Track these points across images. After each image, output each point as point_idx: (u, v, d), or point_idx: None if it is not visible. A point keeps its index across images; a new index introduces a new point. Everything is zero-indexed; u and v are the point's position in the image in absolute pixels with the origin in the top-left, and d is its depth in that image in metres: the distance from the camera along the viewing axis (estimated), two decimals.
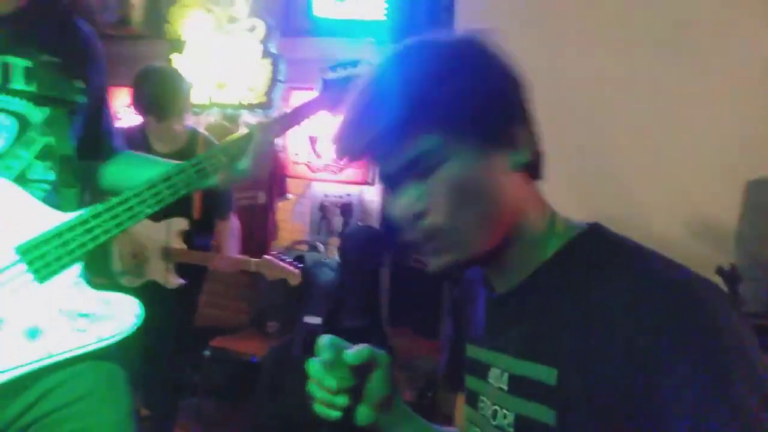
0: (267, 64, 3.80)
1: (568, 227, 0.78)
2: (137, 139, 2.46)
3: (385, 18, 3.53)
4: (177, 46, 4.04)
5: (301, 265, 2.70)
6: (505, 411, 0.76)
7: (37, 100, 1.16)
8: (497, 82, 0.76)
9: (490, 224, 0.74)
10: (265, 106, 3.82)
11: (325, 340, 0.80)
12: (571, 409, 0.68)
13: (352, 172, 3.75)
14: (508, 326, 0.78)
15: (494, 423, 0.77)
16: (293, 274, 2.58)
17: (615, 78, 2.88)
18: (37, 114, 1.16)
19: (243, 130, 1.37)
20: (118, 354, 1.19)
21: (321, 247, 3.58)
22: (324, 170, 3.85)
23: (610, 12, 2.94)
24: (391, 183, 0.76)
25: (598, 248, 0.74)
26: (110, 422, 1.16)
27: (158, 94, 2.50)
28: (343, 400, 0.79)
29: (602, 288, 0.69)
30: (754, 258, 2.59)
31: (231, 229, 2.90)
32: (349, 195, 3.77)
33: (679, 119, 2.80)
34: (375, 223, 3.51)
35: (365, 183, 3.69)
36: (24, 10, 1.17)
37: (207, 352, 3.11)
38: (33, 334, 1.10)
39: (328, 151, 3.79)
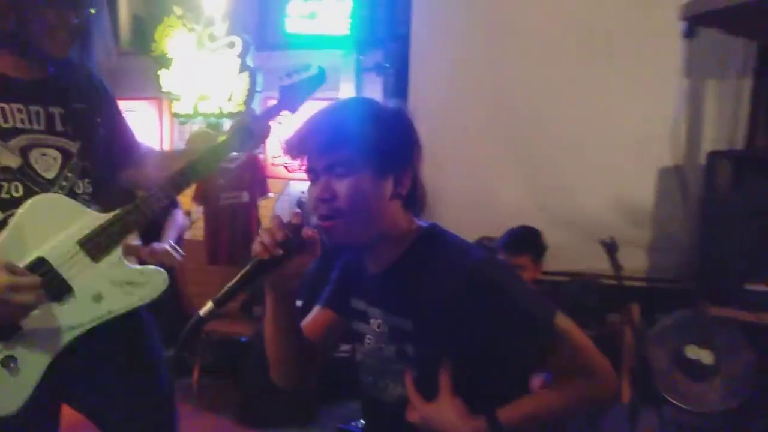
0: (245, 76, 3.88)
1: (416, 229, 1.09)
2: None
3: (348, 32, 3.63)
4: (163, 62, 4.10)
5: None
6: (383, 346, 1.10)
7: (71, 137, 1.41)
8: (407, 140, 1.06)
9: (368, 224, 1.03)
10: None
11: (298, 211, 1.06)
12: (422, 343, 1.04)
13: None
14: (381, 293, 1.10)
15: (377, 355, 1.10)
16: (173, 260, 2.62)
17: (551, 79, 3.04)
18: (72, 146, 1.41)
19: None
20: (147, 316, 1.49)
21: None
22: (300, 170, 3.95)
23: (549, 23, 3.08)
24: (316, 174, 1.04)
25: (433, 242, 1.08)
26: (151, 355, 1.49)
27: None
28: (278, 252, 0.98)
29: (435, 267, 1.04)
30: (665, 233, 2.77)
31: (174, 221, 3.00)
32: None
33: (605, 116, 2.96)
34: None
35: None
36: (58, 73, 1.41)
37: (202, 335, 3.22)
38: (97, 299, 1.38)
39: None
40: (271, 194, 3.95)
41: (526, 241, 2.17)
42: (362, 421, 2.05)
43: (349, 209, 1.01)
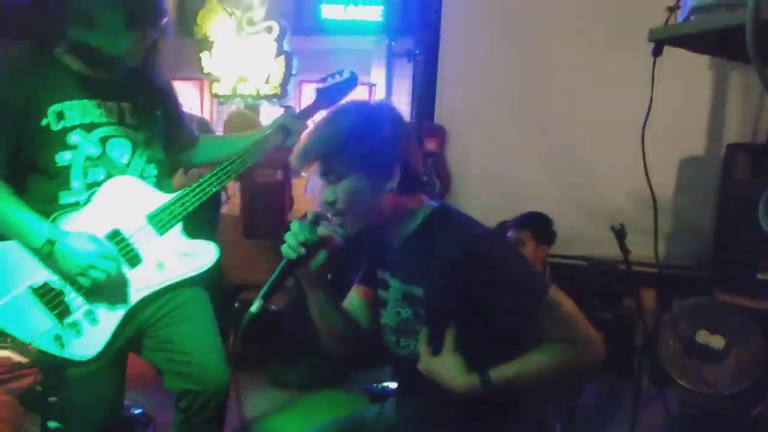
0: (281, 60, 3.96)
1: (427, 208, 1.19)
2: None
3: (381, 19, 3.66)
4: (204, 44, 4.19)
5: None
6: (401, 309, 1.23)
7: (138, 127, 1.59)
8: (385, 138, 1.16)
9: (367, 215, 1.17)
10: (280, 96, 4.00)
11: (311, 214, 1.17)
12: (431, 307, 1.16)
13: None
14: (398, 264, 1.23)
15: (398, 317, 1.23)
16: None
17: (578, 68, 3.02)
18: (140, 136, 1.59)
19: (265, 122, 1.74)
20: (200, 282, 1.68)
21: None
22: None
23: (577, 12, 3.05)
24: (322, 177, 1.18)
25: (440, 220, 1.19)
26: (206, 312, 1.67)
27: None
28: (301, 251, 1.12)
29: (440, 242, 1.15)
30: (684, 222, 2.76)
31: None
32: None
33: (628, 105, 2.92)
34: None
35: None
36: (127, 72, 1.56)
37: (237, 304, 3.34)
38: (160, 266, 1.58)
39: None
40: (303, 174, 4.03)
41: (531, 220, 2.32)
42: (385, 383, 2.15)
43: (348, 208, 1.15)
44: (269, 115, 4.20)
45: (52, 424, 2.20)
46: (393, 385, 2.60)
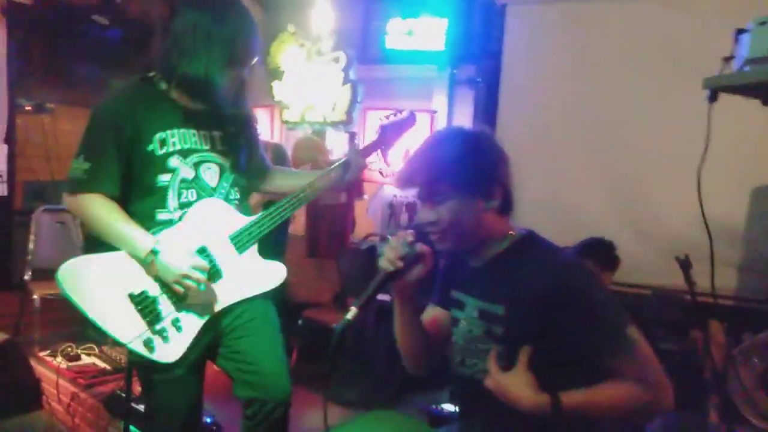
0: (347, 88, 4.08)
1: (516, 234, 1.23)
2: None
3: (443, 48, 3.73)
4: (276, 74, 4.39)
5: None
6: (473, 328, 1.26)
7: (226, 154, 1.74)
8: (488, 161, 1.22)
9: (469, 234, 1.22)
10: (346, 122, 4.11)
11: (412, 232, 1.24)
12: (510, 326, 1.18)
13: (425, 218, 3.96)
14: (478, 284, 1.27)
15: (468, 335, 1.26)
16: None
17: (638, 97, 2.98)
18: (227, 162, 1.74)
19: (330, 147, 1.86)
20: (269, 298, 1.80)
21: (390, 238, 3.83)
22: (392, 175, 4.12)
23: (639, 42, 3.02)
24: (422, 201, 1.26)
25: (528, 245, 1.25)
26: (273, 327, 1.78)
27: None
28: (399, 264, 1.20)
29: (527, 266, 1.19)
30: (757, 253, 2.64)
31: None
32: (413, 195, 3.99)
33: (693, 134, 2.85)
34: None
35: None
36: (218, 103, 1.69)
37: (300, 321, 3.45)
38: (237, 282, 1.70)
39: (395, 161, 4.06)
40: (365, 196, 4.14)
41: (594, 247, 2.27)
42: (444, 405, 2.15)
43: (449, 228, 1.21)
44: (334, 140, 4.34)
45: (133, 429, 2.35)
46: (451, 407, 2.61)
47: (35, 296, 3.45)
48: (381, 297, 3.12)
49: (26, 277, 3.63)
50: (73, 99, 4.73)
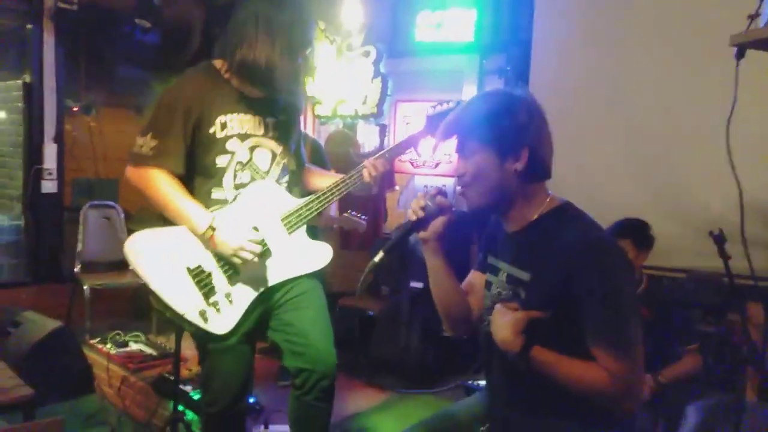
0: (378, 82, 4.10)
1: (553, 202, 1.24)
2: None
3: (473, 39, 3.72)
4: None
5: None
6: (502, 290, 1.29)
7: (278, 140, 1.81)
8: (517, 123, 1.22)
9: (490, 191, 1.25)
10: (376, 115, 4.15)
11: (434, 188, 1.31)
12: (533, 292, 1.20)
13: (445, 167, 4.00)
14: (510, 249, 1.30)
15: (497, 297, 1.29)
16: (361, 224, 2.98)
17: (671, 82, 2.92)
18: (278, 147, 1.80)
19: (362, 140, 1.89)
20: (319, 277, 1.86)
21: (458, 188, 3.82)
22: (423, 166, 4.14)
23: (671, 25, 2.96)
24: (456, 153, 1.30)
25: (562, 215, 1.25)
26: (321, 303, 1.84)
27: None
28: (420, 214, 1.28)
29: (559, 235, 1.19)
30: None
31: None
32: (444, 185, 4.01)
33: (725, 115, 2.78)
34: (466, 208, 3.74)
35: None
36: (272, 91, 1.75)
37: (337, 309, 3.49)
38: (287, 261, 1.77)
39: (425, 152, 4.07)
40: (397, 187, 4.16)
41: (629, 227, 2.22)
42: (480, 381, 2.14)
43: (473, 182, 1.25)
44: (366, 133, 4.37)
45: (180, 408, 2.44)
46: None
47: (85, 287, 3.59)
48: (414, 284, 3.17)
49: (76, 270, 3.77)
50: (116, 101, 4.89)
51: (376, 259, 1.22)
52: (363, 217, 3.03)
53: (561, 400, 1.15)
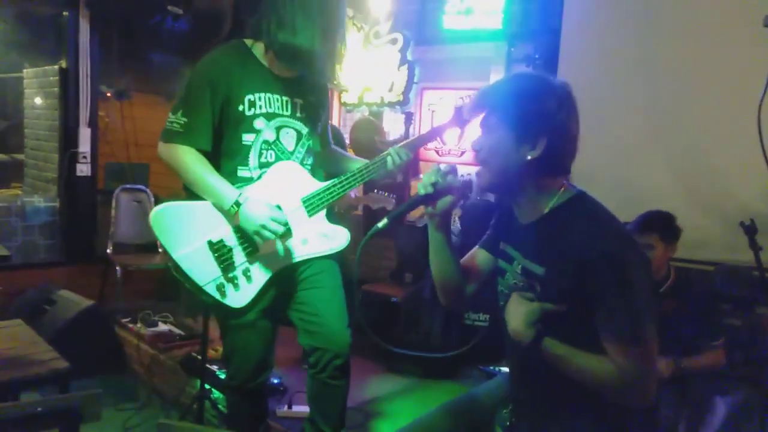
0: (404, 69, 4.08)
1: (567, 193, 1.20)
2: None
3: (501, 26, 3.67)
4: None
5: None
6: (518, 282, 1.27)
7: (304, 121, 1.81)
8: (539, 110, 1.16)
9: (501, 174, 1.22)
10: (403, 103, 4.13)
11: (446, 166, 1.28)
12: (548, 287, 1.18)
13: (471, 155, 3.96)
14: (525, 241, 1.27)
15: (514, 287, 1.27)
16: (389, 201, 2.97)
17: (701, 68, 2.84)
18: (304, 128, 1.81)
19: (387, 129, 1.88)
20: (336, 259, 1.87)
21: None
22: (448, 154, 4.12)
23: (701, 11, 2.88)
24: (480, 128, 1.27)
25: (577, 207, 1.21)
26: (336, 283, 1.86)
27: None
28: (430, 189, 1.25)
29: (573, 229, 1.16)
30: None
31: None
32: (469, 174, 3.92)
33: (749, 103, 2.70)
34: (490, 197, 3.72)
35: None
36: (300, 72, 1.76)
37: (360, 295, 3.52)
38: (305, 242, 1.80)
39: (451, 140, 4.05)
40: (421, 175, 4.14)
41: (655, 221, 2.16)
42: (502, 367, 2.14)
43: (487, 160, 1.23)
44: (392, 121, 4.37)
45: (207, 386, 2.50)
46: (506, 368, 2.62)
47: (117, 268, 3.69)
48: None
49: (108, 251, 3.88)
50: (148, 87, 4.98)
51: (380, 224, 1.23)
52: (391, 195, 3.04)
53: (575, 390, 1.16)
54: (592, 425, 1.19)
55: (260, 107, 1.73)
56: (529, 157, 1.18)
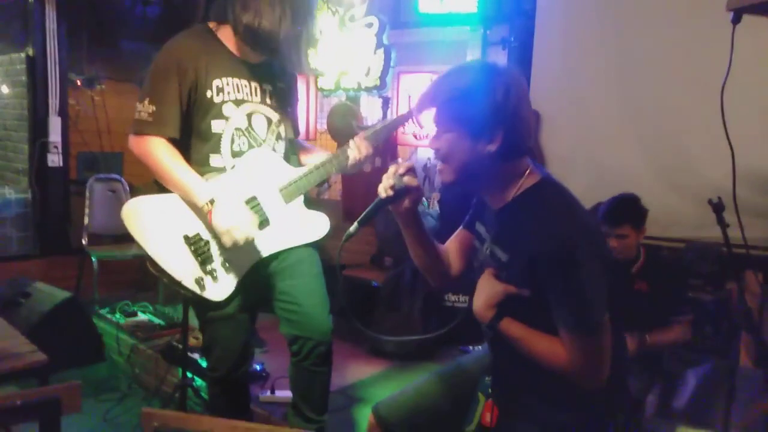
0: (380, 53, 4.03)
1: (532, 177, 1.22)
2: None
3: (476, 9, 3.67)
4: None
5: None
6: (489, 261, 1.29)
7: (275, 108, 1.78)
8: (493, 103, 1.17)
9: (462, 170, 1.23)
10: (379, 87, 4.10)
11: (403, 167, 1.28)
12: (510, 273, 1.22)
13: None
14: (494, 226, 1.30)
15: (486, 263, 1.30)
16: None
17: (674, 51, 2.89)
18: (275, 115, 1.78)
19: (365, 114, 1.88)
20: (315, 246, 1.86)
21: (424, 200, 3.87)
22: (426, 138, 4.12)
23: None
24: (434, 125, 1.25)
25: (537, 195, 1.22)
26: (315, 271, 1.84)
27: None
28: (390, 192, 1.26)
29: (530, 218, 1.19)
30: None
31: None
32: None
33: (728, 84, 2.76)
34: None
35: None
36: (271, 58, 1.73)
37: (341, 280, 3.53)
38: (283, 231, 1.76)
39: (428, 124, 4.05)
40: (400, 159, 4.14)
41: (626, 211, 2.18)
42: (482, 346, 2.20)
43: (447, 158, 1.23)
44: (369, 105, 4.35)
45: (189, 374, 2.50)
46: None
47: (93, 259, 3.64)
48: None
49: (83, 242, 3.82)
50: (119, 74, 4.87)
51: (351, 230, 1.26)
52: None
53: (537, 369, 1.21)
54: (563, 393, 1.23)
55: (228, 93, 1.69)
56: (488, 150, 1.18)
